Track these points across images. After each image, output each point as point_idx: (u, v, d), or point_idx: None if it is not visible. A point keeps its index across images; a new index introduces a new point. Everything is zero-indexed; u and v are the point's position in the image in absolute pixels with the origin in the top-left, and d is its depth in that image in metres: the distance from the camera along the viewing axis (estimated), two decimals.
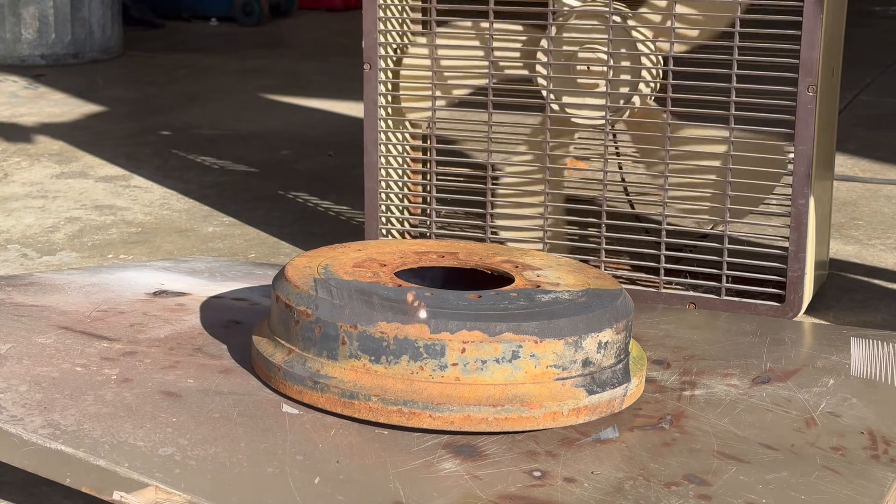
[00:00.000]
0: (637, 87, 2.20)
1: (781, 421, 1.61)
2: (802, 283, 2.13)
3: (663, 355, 1.83)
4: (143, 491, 1.35)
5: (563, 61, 2.22)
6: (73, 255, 2.58)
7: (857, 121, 3.93)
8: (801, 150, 2.10)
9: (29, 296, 1.91)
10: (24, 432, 1.43)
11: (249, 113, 4.15)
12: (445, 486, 1.39)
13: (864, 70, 4.82)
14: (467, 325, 1.51)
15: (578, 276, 1.71)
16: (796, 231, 2.12)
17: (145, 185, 3.15)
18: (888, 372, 1.79)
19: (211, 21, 6.53)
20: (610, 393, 1.56)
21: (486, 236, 2.31)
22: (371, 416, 1.51)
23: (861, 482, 1.44)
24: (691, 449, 1.51)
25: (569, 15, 2.22)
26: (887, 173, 3.30)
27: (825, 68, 2.10)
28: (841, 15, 2.23)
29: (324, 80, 4.84)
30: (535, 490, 1.39)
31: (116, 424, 1.47)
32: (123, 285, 2.01)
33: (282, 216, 2.87)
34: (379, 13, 2.30)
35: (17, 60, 5.12)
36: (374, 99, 2.33)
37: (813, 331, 2.07)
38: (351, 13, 6.80)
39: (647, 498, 1.38)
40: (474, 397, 1.50)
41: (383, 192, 2.37)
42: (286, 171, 3.35)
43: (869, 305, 2.30)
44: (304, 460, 1.43)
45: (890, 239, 2.72)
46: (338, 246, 1.80)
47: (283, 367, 1.57)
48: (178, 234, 2.73)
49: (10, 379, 1.57)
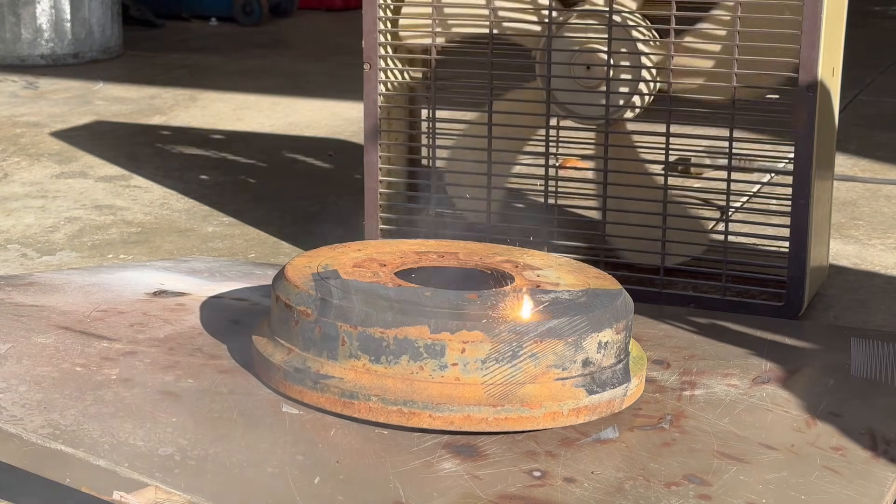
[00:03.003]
0: (637, 86, 2.20)
1: (781, 421, 1.61)
2: (802, 284, 2.13)
3: (663, 355, 1.83)
4: (142, 491, 1.35)
5: (564, 60, 2.22)
6: (72, 255, 2.58)
7: (857, 121, 3.93)
8: (801, 150, 2.10)
9: (29, 296, 1.91)
10: (24, 432, 1.42)
11: (249, 113, 4.15)
12: (445, 486, 1.38)
13: (864, 70, 4.82)
14: (467, 325, 1.51)
15: (578, 276, 1.71)
16: (796, 231, 2.12)
17: (145, 184, 3.15)
18: (888, 372, 1.79)
19: (211, 21, 6.53)
20: (610, 393, 1.56)
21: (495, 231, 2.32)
22: (371, 416, 1.51)
23: (861, 482, 1.44)
24: (691, 449, 1.51)
25: (569, 14, 2.22)
26: (887, 173, 3.30)
27: (825, 68, 2.10)
28: (841, 15, 2.23)
29: (324, 80, 4.84)
30: (535, 490, 1.39)
31: (116, 424, 1.47)
32: (123, 285, 2.01)
33: (282, 216, 2.87)
34: (379, 13, 2.30)
35: (17, 60, 5.12)
36: (374, 99, 2.33)
37: (813, 331, 2.07)
38: (351, 13, 6.79)
39: (647, 498, 1.38)
40: (474, 397, 1.50)
41: (383, 192, 2.37)
42: (286, 171, 3.35)
43: (869, 305, 2.30)
44: (304, 460, 1.43)
45: (890, 239, 2.72)
46: (338, 246, 1.80)
47: (283, 367, 1.57)
48: (177, 234, 2.73)
49: (10, 379, 1.57)
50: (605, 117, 2.22)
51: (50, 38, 5.15)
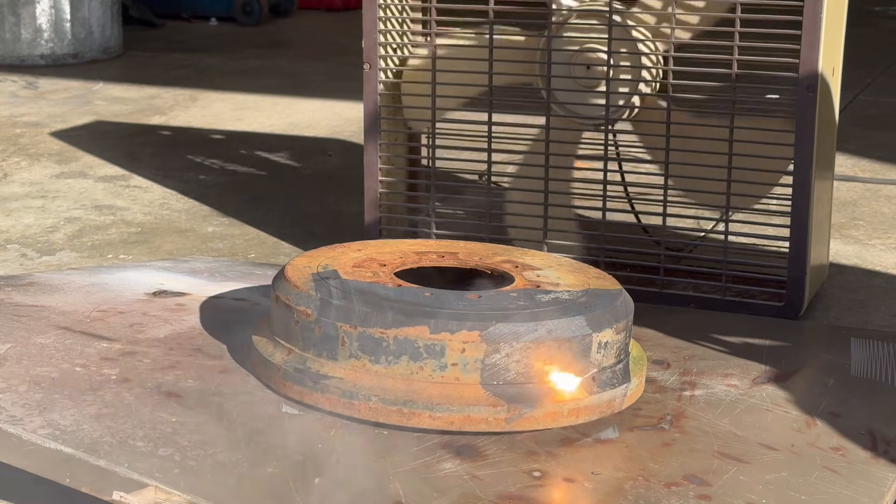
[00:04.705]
0: (637, 86, 2.20)
1: (781, 421, 1.61)
2: (803, 284, 2.13)
3: (663, 355, 1.82)
4: (142, 491, 1.35)
5: (564, 61, 2.22)
6: (72, 255, 2.58)
7: (857, 121, 3.93)
8: (801, 150, 2.10)
9: (28, 296, 1.91)
10: (23, 432, 1.42)
11: (249, 113, 4.14)
12: (445, 486, 1.38)
13: (864, 70, 4.82)
14: (467, 325, 1.51)
15: (578, 276, 1.71)
16: (796, 231, 2.12)
17: (145, 185, 3.15)
18: (888, 372, 1.79)
19: (211, 21, 6.53)
20: (610, 393, 1.56)
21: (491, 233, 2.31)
22: (371, 416, 1.51)
23: (861, 482, 1.44)
24: (691, 449, 1.51)
25: (568, 15, 2.22)
26: (887, 173, 3.30)
27: (825, 68, 2.10)
28: (841, 15, 2.23)
29: (324, 80, 4.84)
30: (535, 490, 1.39)
31: (116, 424, 1.47)
32: (123, 285, 2.01)
33: (282, 216, 2.87)
34: (379, 13, 2.30)
35: (17, 60, 5.12)
36: (374, 99, 2.33)
37: (813, 331, 2.07)
38: (351, 13, 6.79)
39: (647, 498, 1.38)
40: (474, 397, 1.50)
41: (383, 192, 2.37)
42: (286, 171, 3.35)
43: (869, 305, 2.30)
44: (304, 460, 1.43)
45: (890, 239, 2.72)
46: (338, 246, 1.80)
47: (283, 367, 1.57)
48: (177, 234, 2.73)
49: (10, 379, 1.57)
50: (605, 117, 2.22)
51: (50, 38, 5.15)
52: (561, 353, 1.52)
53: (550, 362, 1.52)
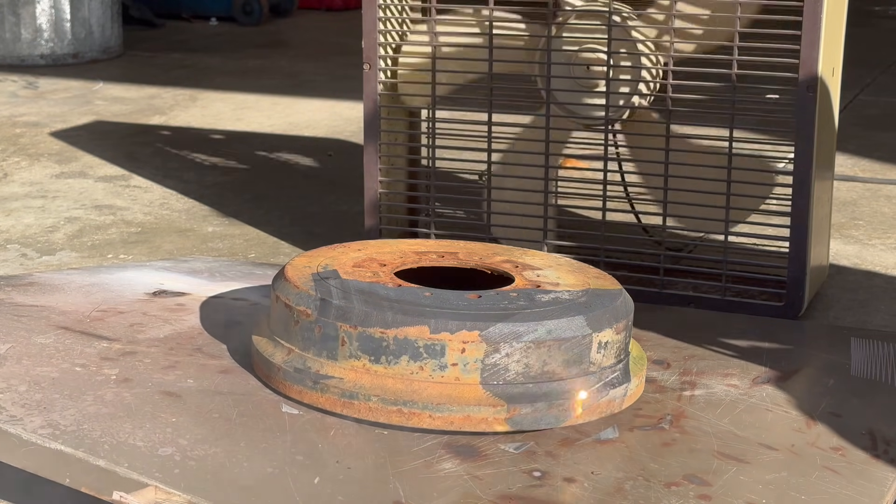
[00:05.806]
0: (637, 87, 2.20)
1: (781, 421, 1.61)
2: (803, 284, 2.13)
3: (663, 355, 1.82)
4: (142, 491, 1.35)
5: (564, 61, 2.22)
6: (72, 255, 2.58)
7: (857, 121, 3.93)
8: (801, 150, 2.10)
9: (28, 296, 1.91)
10: (23, 432, 1.42)
11: (249, 113, 4.14)
12: (445, 486, 1.38)
13: (864, 70, 4.82)
14: (467, 325, 1.51)
15: (578, 276, 1.71)
16: (796, 231, 2.12)
17: (145, 185, 3.15)
18: (888, 372, 1.79)
19: (211, 21, 6.53)
20: (610, 393, 1.56)
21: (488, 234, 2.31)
22: (371, 416, 1.51)
23: (861, 482, 1.44)
24: (691, 449, 1.51)
25: (569, 14, 2.22)
26: (887, 173, 3.30)
27: (825, 68, 2.10)
28: (841, 15, 2.23)
29: (324, 80, 4.84)
30: (535, 490, 1.39)
31: (116, 424, 1.47)
32: (123, 285, 2.01)
33: (282, 216, 2.87)
34: (379, 13, 2.30)
35: (17, 60, 5.12)
36: (374, 99, 2.33)
37: (813, 331, 2.07)
38: (351, 13, 6.79)
39: (647, 498, 1.38)
40: (474, 397, 1.50)
41: (383, 192, 2.37)
42: (286, 171, 3.35)
43: (869, 305, 2.30)
44: (304, 460, 1.43)
45: (890, 239, 2.72)
46: (338, 246, 1.80)
47: (283, 367, 1.57)
48: (177, 234, 2.73)
49: (10, 379, 1.57)
50: (605, 117, 2.22)
51: (50, 37, 5.15)
52: (561, 353, 1.52)
53: (550, 362, 1.52)
